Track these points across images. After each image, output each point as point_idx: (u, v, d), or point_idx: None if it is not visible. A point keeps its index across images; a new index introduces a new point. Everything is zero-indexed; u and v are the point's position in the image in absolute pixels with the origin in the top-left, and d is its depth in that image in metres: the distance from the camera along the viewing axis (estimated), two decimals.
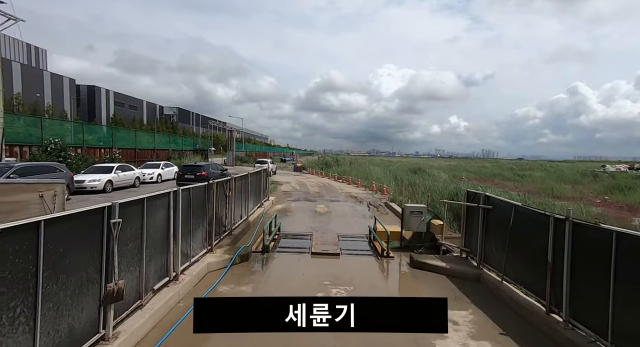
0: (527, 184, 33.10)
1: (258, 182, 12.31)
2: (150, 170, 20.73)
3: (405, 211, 8.26)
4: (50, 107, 70.07)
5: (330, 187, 22.84)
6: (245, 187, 10.09)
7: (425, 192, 16.57)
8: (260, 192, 12.65)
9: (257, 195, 12.33)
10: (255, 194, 12.02)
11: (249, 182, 10.25)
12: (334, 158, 45.53)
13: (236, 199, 8.98)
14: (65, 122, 21.73)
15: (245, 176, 9.96)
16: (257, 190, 12.28)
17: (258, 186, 12.35)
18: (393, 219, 12.19)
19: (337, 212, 13.42)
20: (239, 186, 9.24)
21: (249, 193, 10.64)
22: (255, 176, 11.83)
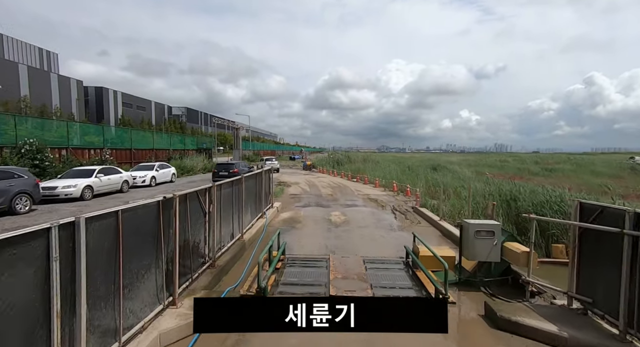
0: (563, 180, 29.77)
1: (258, 186, 9.81)
2: (143, 172, 18.51)
3: (467, 231, 5.60)
4: (58, 109, 69.50)
5: (345, 188, 20.21)
6: (238, 196, 7.59)
7: (457, 192, 13.81)
8: (261, 200, 10.15)
9: (258, 203, 9.83)
10: (255, 202, 9.53)
11: (242, 189, 7.73)
12: (345, 155, 42.81)
13: (223, 213, 6.49)
14: (47, 120, 19.70)
15: (237, 181, 7.44)
16: (257, 197, 9.78)
17: (258, 192, 9.85)
18: (431, 233, 9.51)
19: (356, 221, 10.82)
20: (226, 196, 6.74)
21: (245, 203, 8.15)
22: (253, 179, 9.33)
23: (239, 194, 7.61)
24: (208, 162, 34.15)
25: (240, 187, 7.63)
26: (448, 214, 11.05)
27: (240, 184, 7.61)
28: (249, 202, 8.65)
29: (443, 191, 15.77)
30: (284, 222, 10.67)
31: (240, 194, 7.65)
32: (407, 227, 10.14)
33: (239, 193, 7.61)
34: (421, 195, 13.44)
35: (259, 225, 9.34)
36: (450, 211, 11.22)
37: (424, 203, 12.75)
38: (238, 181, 7.45)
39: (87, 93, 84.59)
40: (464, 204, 11.39)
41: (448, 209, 12.00)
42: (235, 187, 7.28)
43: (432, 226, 10.32)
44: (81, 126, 20.58)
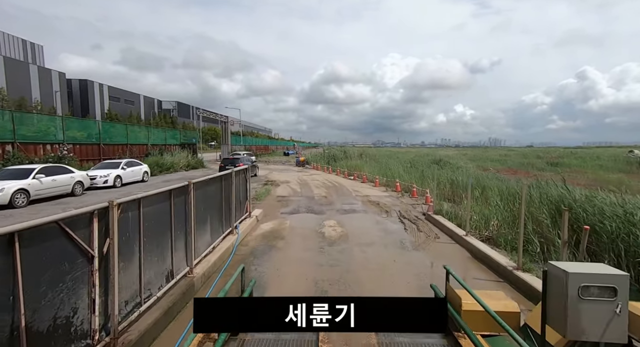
0: (574, 175, 27.67)
1: (225, 193, 7.28)
2: (105, 171, 15.85)
3: (562, 285, 3.15)
4: (38, 103, 65.83)
5: (341, 187, 17.75)
6: (185, 212, 5.08)
7: (483, 194, 11.43)
8: (230, 211, 7.62)
9: (226, 215, 7.31)
10: (221, 215, 7.01)
11: (191, 201, 5.19)
12: (341, 150, 40.28)
13: (149, 245, 4.01)
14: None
15: (179, 191, 4.90)
16: (225, 208, 7.26)
17: (226, 201, 7.32)
18: (456, 254, 7.10)
19: (357, 236, 8.38)
20: (157, 215, 4.24)
21: (199, 220, 5.66)
22: (216, 184, 6.80)
23: (185, 208, 5.09)
24: (192, 158, 31.44)
25: (187, 198, 5.11)
26: (473, 225, 8.67)
27: (186, 194, 5.08)
28: (207, 218, 6.14)
29: (455, 192, 13.42)
30: (262, 238, 8.18)
31: (189, 208, 5.14)
32: (424, 245, 7.73)
33: (185, 207, 5.09)
34: (434, 198, 11.00)
35: (227, 245, 6.84)
36: (475, 221, 8.83)
37: (439, 209, 10.34)
38: (181, 190, 4.93)
39: (71, 86, 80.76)
40: (492, 210, 9.01)
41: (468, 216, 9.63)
42: (176, 199, 4.76)
43: (456, 242, 7.92)
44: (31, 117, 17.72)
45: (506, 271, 5.64)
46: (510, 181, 14.67)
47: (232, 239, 7.34)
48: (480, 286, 5.33)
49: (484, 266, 6.32)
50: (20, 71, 65.50)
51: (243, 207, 9.09)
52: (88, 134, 20.65)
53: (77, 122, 21.28)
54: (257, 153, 65.37)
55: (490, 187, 11.92)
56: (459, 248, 7.48)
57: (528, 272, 5.38)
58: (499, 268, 5.87)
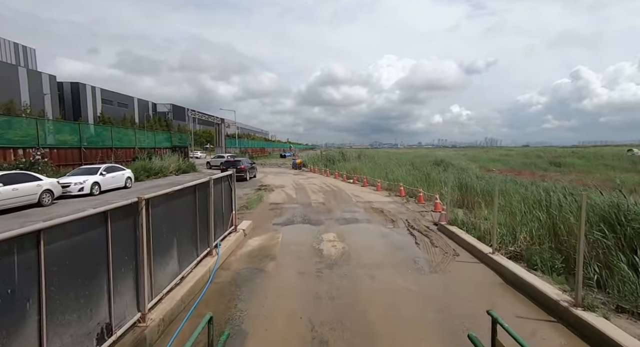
0: (582, 176, 26.54)
1: (200, 208, 5.94)
2: (81, 177, 14.45)
3: None
4: (27, 106, 64.04)
5: (340, 192, 16.45)
6: (135, 240, 3.75)
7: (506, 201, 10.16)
8: (208, 228, 6.27)
9: (201, 235, 5.96)
10: (195, 235, 5.66)
11: (141, 226, 3.84)
12: (339, 151, 38.98)
13: (58, 299, 2.67)
14: None
15: (124, 211, 3.56)
16: (202, 225, 5.91)
17: (202, 216, 5.98)
18: (485, 279, 5.78)
19: (361, 254, 7.06)
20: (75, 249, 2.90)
21: (164, 245, 4.36)
22: (188, 196, 5.47)
23: (136, 233, 3.76)
24: (184, 162, 30.03)
25: (138, 219, 3.77)
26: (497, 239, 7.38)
27: (135, 214, 3.75)
28: (173, 242, 4.79)
29: (470, 198, 12.17)
30: (249, 258, 6.84)
31: (141, 233, 3.80)
32: (442, 265, 6.43)
33: (136, 232, 3.76)
34: (448, 206, 9.69)
35: (203, 272, 5.50)
36: (499, 234, 7.53)
37: (454, 219, 9.04)
38: (126, 210, 3.59)
39: (62, 89, 79.06)
40: (518, 220, 7.72)
41: (486, 227, 8.37)
42: (118, 223, 3.42)
43: (480, 260, 6.62)
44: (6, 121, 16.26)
45: (559, 307, 4.34)
46: (525, 183, 13.44)
47: (211, 262, 5.99)
48: (529, 329, 4.04)
49: (524, 296, 5.01)
50: (8, 74, 63.79)
51: (227, 220, 7.75)
52: (68, 137, 19.21)
53: (55, 124, 19.80)
54: (253, 155, 63.97)
55: (508, 192, 10.66)
56: (485, 270, 6.17)
57: (591, 311, 4.09)
58: (547, 302, 4.57)
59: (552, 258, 6.01)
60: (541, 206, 8.03)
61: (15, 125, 16.51)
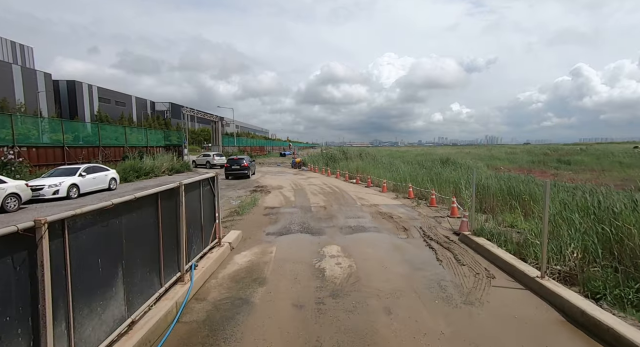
0: (597, 175, 25.12)
1: (168, 221, 4.58)
2: (57, 179, 13.10)
3: None
4: (22, 104, 62.75)
5: (342, 194, 15.07)
6: (29, 280, 2.39)
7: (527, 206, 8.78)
8: (177, 249, 4.89)
9: (169, 257, 4.58)
10: (157, 260, 4.29)
11: (42, 265, 2.48)
12: (340, 150, 37.58)
13: None
14: None
15: (12, 241, 2.21)
16: (169, 245, 4.54)
17: (169, 234, 4.61)
18: (539, 312, 4.35)
19: (373, 276, 5.69)
20: None
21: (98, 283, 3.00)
22: (148, 209, 4.10)
23: (30, 276, 2.39)
24: (177, 161, 28.68)
25: (38, 255, 2.40)
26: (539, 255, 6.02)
27: (29, 248, 2.37)
28: (116, 277, 3.41)
29: (488, 201, 10.79)
30: (232, 282, 5.47)
31: (43, 275, 2.43)
32: (476, 292, 5.06)
33: (36, 272, 2.39)
34: (472, 212, 8.27)
35: (166, 309, 4.13)
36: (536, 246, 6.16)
37: (479, 229, 7.65)
38: (14, 242, 2.21)
39: (58, 87, 77.70)
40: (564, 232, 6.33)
41: (519, 237, 7.01)
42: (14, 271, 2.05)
43: (525, 286, 5.23)
44: None
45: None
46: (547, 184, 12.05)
47: (181, 292, 4.63)
48: None
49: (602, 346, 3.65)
50: (2, 72, 62.42)
51: (209, 233, 6.38)
52: (49, 135, 17.84)
53: (34, 121, 18.42)
54: (252, 154, 62.67)
55: (538, 195, 9.27)
56: (535, 301, 4.79)
57: None
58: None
59: (621, 284, 4.65)
60: (588, 213, 6.65)
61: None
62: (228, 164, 23.63)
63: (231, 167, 23.36)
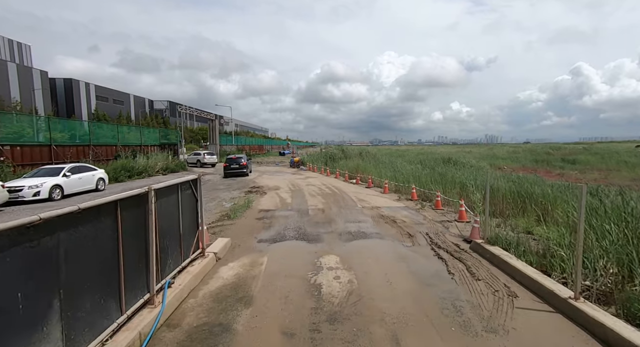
0: (605, 174, 24.38)
1: (133, 234, 3.83)
2: (39, 180, 12.34)
3: None
4: (18, 102, 61.96)
5: (342, 196, 14.32)
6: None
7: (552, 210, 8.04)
8: (146, 267, 4.14)
9: (132, 278, 3.84)
10: (116, 283, 3.55)
11: None
12: (340, 149, 36.81)
13: None
14: None
15: None
16: (135, 261, 3.80)
17: (135, 249, 3.87)
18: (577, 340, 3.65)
19: (377, 296, 4.94)
20: None
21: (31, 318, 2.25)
22: (104, 220, 3.35)
23: None
24: (172, 160, 27.93)
25: None
26: (564, 266, 5.27)
27: None
28: (52, 311, 2.66)
29: (497, 203, 10.05)
30: (213, 302, 4.71)
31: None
32: (499, 317, 4.30)
33: None
34: (486, 219, 7.49)
35: (127, 343, 3.38)
36: (559, 257, 5.40)
37: (493, 236, 6.88)
38: None
39: (55, 85, 76.82)
40: (591, 239, 5.58)
41: (536, 246, 6.25)
42: None
43: (554, 308, 4.47)
44: None
45: None
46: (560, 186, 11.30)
47: (148, 318, 3.87)
48: None
49: None
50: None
51: (189, 244, 5.62)
52: (34, 133, 17.07)
53: (16, 118, 17.62)
54: (250, 153, 61.93)
55: (555, 197, 8.52)
56: (570, 328, 4.03)
57: None
58: None
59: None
60: (620, 219, 5.90)
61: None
62: (227, 163, 23.62)
63: (230, 166, 23.47)
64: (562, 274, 5.24)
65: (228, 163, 23.69)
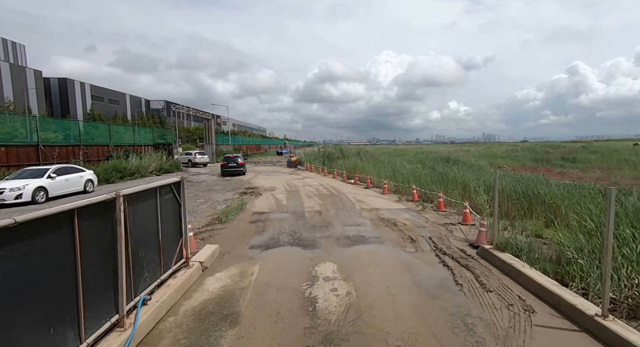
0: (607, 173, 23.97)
1: (94, 246, 3.30)
2: (21, 182, 11.76)
3: None
4: (11, 102, 61.05)
5: (340, 197, 13.81)
6: None
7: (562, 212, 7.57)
8: (114, 285, 3.61)
9: (98, 297, 3.32)
10: (74, 308, 3.03)
11: None
12: (337, 148, 36.27)
13: None
14: None
15: None
16: (95, 282, 3.28)
17: (97, 267, 3.34)
18: None
19: (378, 311, 4.43)
20: None
21: None
22: (56, 234, 2.82)
23: None
24: (167, 160, 27.34)
25: None
26: (582, 275, 4.78)
27: None
28: None
29: (510, 207, 9.58)
30: (195, 321, 4.17)
31: None
32: (516, 337, 3.80)
33: None
34: (492, 221, 6.99)
35: None
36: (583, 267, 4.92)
37: (503, 242, 6.38)
38: None
39: (50, 85, 75.79)
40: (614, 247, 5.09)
41: (548, 251, 5.77)
42: None
43: (579, 327, 3.96)
44: None
45: None
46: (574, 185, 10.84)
47: (116, 344, 3.35)
48: None
49: None
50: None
51: (171, 253, 5.09)
52: (19, 133, 16.45)
53: (2, 118, 16.95)
54: (247, 153, 61.33)
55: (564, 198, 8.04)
56: None
57: None
58: None
59: None
60: None
61: None
62: (224, 162, 24.04)
63: (227, 165, 23.91)
64: (581, 284, 4.75)
65: (225, 162, 24.05)
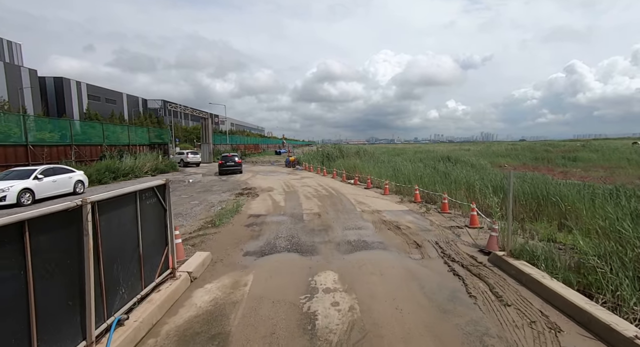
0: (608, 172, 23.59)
1: (54, 263, 2.80)
2: (5, 183, 11.23)
3: None
4: (5, 102, 60.25)
5: (340, 198, 13.32)
6: None
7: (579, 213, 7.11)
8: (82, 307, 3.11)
9: (54, 321, 2.83)
10: (27, 337, 2.54)
11: None
12: (336, 147, 35.76)
13: None
14: None
15: None
16: (52, 304, 2.79)
17: (60, 287, 2.85)
18: None
19: (385, 332, 3.93)
20: None
21: None
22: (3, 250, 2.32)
23: None
24: (163, 160, 26.78)
25: None
26: (609, 283, 4.32)
27: None
28: None
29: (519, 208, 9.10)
30: (177, 344, 3.69)
31: None
32: None
33: None
34: (506, 226, 6.52)
35: None
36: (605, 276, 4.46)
37: (518, 249, 5.91)
38: None
39: (45, 84, 74.95)
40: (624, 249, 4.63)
41: (565, 257, 5.31)
42: None
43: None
44: None
45: None
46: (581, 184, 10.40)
47: None
48: None
49: None
50: None
51: (155, 264, 4.59)
52: (13, 132, 15.88)
53: None
54: (245, 152, 60.77)
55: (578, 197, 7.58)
56: None
57: None
58: None
59: None
60: None
61: None
62: (222, 161, 24.33)
63: (226, 164, 24.19)
64: (610, 297, 4.29)
65: (223, 161, 24.30)
